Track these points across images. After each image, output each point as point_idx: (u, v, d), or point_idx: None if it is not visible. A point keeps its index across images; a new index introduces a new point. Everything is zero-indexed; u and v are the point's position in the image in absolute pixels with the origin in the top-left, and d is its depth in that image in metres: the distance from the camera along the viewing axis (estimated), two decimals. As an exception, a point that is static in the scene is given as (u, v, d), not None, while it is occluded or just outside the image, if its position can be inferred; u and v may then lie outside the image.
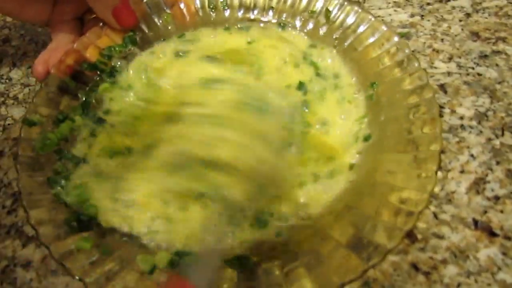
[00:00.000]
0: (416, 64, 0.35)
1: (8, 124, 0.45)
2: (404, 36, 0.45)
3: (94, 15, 0.44)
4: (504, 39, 0.44)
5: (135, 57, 0.43)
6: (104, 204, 0.32)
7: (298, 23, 0.44)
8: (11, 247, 0.34)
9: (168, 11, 0.45)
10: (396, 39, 0.37)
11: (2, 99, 0.48)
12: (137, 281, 0.27)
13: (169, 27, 0.45)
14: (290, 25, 0.44)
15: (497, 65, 0.42)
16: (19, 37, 0.57)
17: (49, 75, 0.38)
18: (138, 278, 0.27)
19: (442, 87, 0.41)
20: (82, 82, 0.40)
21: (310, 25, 0.43)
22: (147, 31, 0.44)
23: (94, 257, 0.28)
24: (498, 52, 0.43)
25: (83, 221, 0.31)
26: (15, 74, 0.51)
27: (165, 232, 0.31)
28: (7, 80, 0.51)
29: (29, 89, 0.49)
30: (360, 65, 0.39)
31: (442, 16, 0.48)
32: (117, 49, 0.42)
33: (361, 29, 0.39)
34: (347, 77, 0.39)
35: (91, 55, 0.41)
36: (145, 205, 0.32)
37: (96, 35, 0.42)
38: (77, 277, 0.26)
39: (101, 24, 0.42)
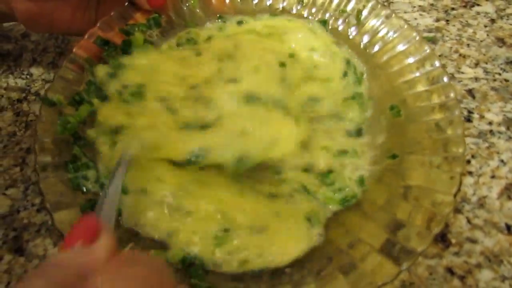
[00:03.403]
0: (445, 79, 0.34)
1: (31, 121, 0.45)
2: (431, 40, 0.46)
3: None
4: (529, 46, 0.44)
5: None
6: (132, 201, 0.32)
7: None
8: (42, 245, 0.34)
9: None
10: (427, 49, 0.37)
11: (24, 95, 0.48)
12: None
13: (196, 13, 0.45)
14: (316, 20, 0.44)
15: (523, 71, 0.42)
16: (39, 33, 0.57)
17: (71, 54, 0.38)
18: None
19: (470, 92, 0.41)
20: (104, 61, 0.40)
21: (340, 25, 0.43)
22: (173, 17, 0.44)
23: None
24: (524, 59, 0.43)
25: None
26: (36, 69, 0.51)
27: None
28: (28, 76, 0.50)
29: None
30: (386, 73, 0.39)
31: (467, 21, 0.48)
32: (140, 28, 0.42)
33: (391, 35, 0.39)
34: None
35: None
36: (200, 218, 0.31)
37: (120, 14, 0.42)
38: None
39: (126, 3, 0.42)
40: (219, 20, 0.45)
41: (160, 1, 0.42)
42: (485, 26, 0.47)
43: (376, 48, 0.40)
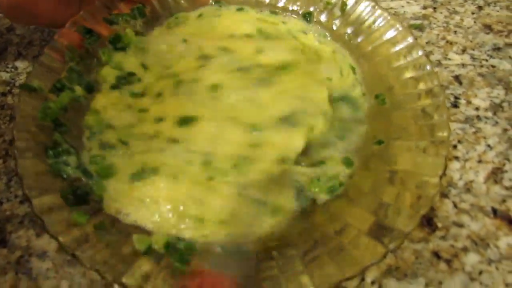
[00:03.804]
0: (428, 67, 0.34)
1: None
2: (418, 27, 0.45)
3: None
4: (516, 32, 0.44)
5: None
6: (117, 187, 0.31)
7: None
8: (25, 237, 0.34)
9: None
10: (410, 39, 0.36)
11: (8, 88, 0.47)
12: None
13: (180, 3, 0.45)
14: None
15: (510, 57, 0.42)
16: (24, 25, 0.56)
17: (52, 41, 0.38)
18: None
19: (457, 78, 0.41)
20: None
21: (323, 17, 0.43)
22: (157, 7, 0.44)
23: (88, 232, 0.27)
24: (511, 45, 0.43)
25: (80, 195, 0.30)
26: (21, 63, 0.50)
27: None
28: (12, 69, 0.49)
29: (36, 78, 0.48)
30: (371, 63, 0.39)
31: (454, 8, 0.48)
32: (124, 17, 0.41)
33: (376, 26, 0.39)
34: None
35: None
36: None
37: (104, 4, 0.41)
38: (70, 252, 0.26)
39: None
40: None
41: None
42: (473, 13, 0.47)
43: (360, 38, 0.40)
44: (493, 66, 0.41)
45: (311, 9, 0.43)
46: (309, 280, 0.25)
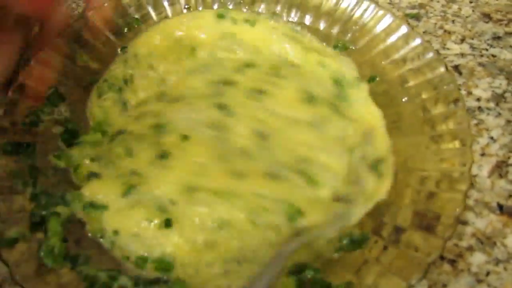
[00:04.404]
0: (432, 54, 0.32)
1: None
2: (415, 17, 0.43)
3: None
4: (516, 21, 0.42)
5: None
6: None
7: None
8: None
9: None
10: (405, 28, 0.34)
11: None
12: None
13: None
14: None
15: (511, 46, 0.40)
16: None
17: None
18: None
19: (456, 68, 0.39)
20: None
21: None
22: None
23: None
24: (511, 34, 0.41)
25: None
26: None
27: None
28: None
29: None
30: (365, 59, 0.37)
31: (451, -3, 0.46)
32: (43, 110, 0.33)
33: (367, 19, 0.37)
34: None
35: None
36: None
37: None
38: None
39: None
40: None
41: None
42: (470, 2, 0.45)
43: (349, 35, 0.38)
44: (493, 56, 0.39)
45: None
46: None
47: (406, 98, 0.33)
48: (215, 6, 0.41)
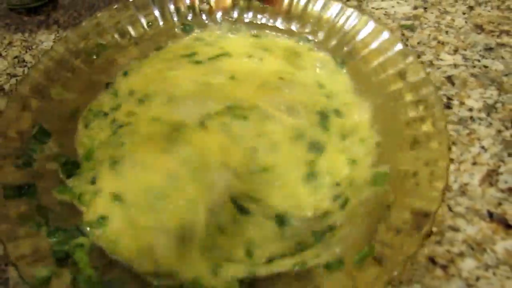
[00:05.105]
0: (422, 74, 0.34)
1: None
2: (409, 28, 0.45)
3: None
4: (508, 32, 0.43)
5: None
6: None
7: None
8: (2, 245, 0.32)
9: None
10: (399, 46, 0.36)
11: (-13, 89, 0.45)
12: None
13: None
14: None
15: (502, 57, 0.41)
16: (5, 26, 0.54)
17: None
18: None
19: (449, 79, 0.40)
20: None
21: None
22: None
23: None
24: (503, 45, 0.42)
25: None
26: (1, 64, 0.49)
27: None
28: (-8, 70, 0.48)
29: (16, 80, 0.46)
30: (360, 73, 0.38)
31: (445, 8, 0.47)
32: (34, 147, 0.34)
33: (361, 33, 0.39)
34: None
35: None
36: None
37: None
38: None
39: None
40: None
41: None
42: (464, 13, 0.46)
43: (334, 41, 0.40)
44: (485, 67, 0.41)
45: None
46: None
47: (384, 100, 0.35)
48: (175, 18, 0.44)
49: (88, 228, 0.30)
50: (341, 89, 0.38)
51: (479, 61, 0.41)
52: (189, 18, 0.45)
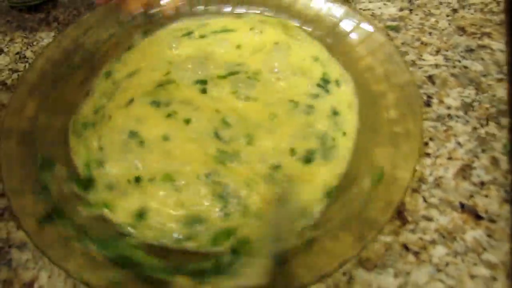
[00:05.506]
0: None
1: (-3, 109, 0.44)
2: (394, 29, 0.47)
3: None
4: (489, 35, 0.45)
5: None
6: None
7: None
8: (5, 229, 0.34)
9: None
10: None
11: (-10, 84, 0.47)
12: None
13: None
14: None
15: (482, 59, 0.43)
16: (6, 23, 0.56)
17: None
18: None
19: (430, 78, 0.42)
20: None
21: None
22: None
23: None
24: (483, 47, 0.44)
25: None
26: (3, 60, 0.51)
27: None
28: (-6, 66, 0.50)
29: (18, 75, 0.48)
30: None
31: (429, 11, 0.49)
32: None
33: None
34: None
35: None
36: None
37: None
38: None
39: None
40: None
41: None
42: (447, 16, 0.48)
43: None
44: (465, 67, 0.43)
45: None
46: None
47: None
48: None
49: (129, 228, 0.32)
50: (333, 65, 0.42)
51: (459, 61, 0.43)
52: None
